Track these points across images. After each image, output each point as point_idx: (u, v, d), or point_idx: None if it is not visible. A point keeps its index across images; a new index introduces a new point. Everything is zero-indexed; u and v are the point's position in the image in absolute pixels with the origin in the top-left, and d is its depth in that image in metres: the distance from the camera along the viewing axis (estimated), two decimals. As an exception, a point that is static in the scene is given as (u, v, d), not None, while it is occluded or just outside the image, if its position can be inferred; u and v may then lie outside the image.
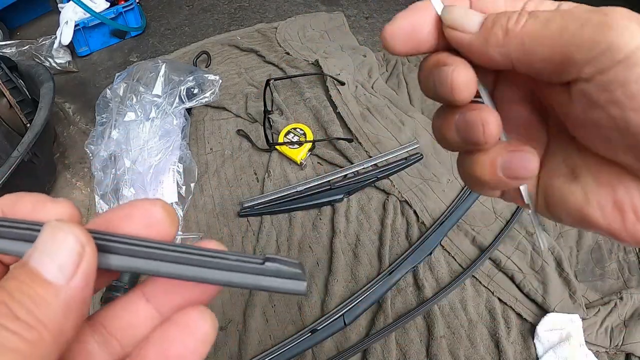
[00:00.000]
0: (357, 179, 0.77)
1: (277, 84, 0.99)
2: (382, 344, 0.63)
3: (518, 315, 0.65)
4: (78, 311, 0.14)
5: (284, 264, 0.15)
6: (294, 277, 0.15)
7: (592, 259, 0.72)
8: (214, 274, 0.15)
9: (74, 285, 0.14)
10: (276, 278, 0.15)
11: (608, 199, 0.16)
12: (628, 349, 0.62)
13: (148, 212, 0.16)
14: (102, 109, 0.89)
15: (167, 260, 0.15)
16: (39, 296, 0.13)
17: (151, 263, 0.15)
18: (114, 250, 0.15)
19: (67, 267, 0.14)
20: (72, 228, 0.14)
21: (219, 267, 0.15)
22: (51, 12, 1.34)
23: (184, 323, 0.16)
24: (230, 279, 0.15)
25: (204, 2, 1.36)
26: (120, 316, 0.17)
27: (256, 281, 0.15)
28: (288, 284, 0.15)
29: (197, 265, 0.15)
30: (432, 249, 0.70)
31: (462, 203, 0.74)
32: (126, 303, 0.17)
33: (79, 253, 0.14)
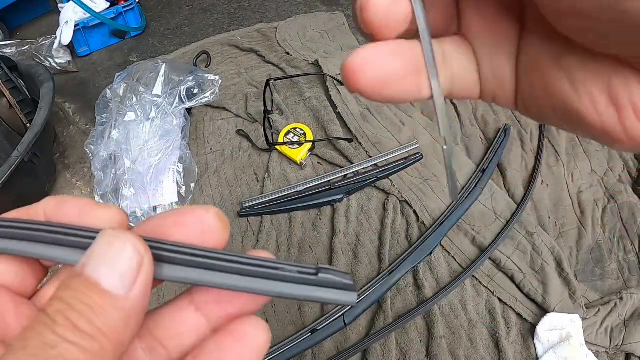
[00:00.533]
0: (357, 179, 0.77)
1: (277, 84, 0.99)
2: (382, 344, 0.63)
3: (518, 315, 0.65)
4: (137, 321, 0.14)
5: (336, 275, 0.15)
6: (346, 288, 0.15)
7: (592, 259, 0.72)
8: (268, 285, 0.15)
9: (134, 295, 0.13)
10: (329, 289, 0.15)
11: (602, 92, 0.14)
12: (628, 349, 0.62)
13: (201, 220, 0.16)
14: (102, 109, 0.89)
15: (221, 270, 0.15)
16: (99, 306, 0.13)
17: (204, 274, 0.15)
18: (167, 259, 0.15)
19: (127, 278, 0.13)
20: (130, 237, 0.14)
21: (273, 278, 0.15)
22: (51, 12, 1.34)
23: (240, 334, 0.15)
24: (285, 291, 0.15)
25: (204, 2, 1.36)
26: (168, 324, 0.16)
27: (309, 292, 0.15)
28: (340, 295, 0.15)
29: (252, 276, 0.15)
30: (432, 249, 0.70)
31: (462, 203, 0.74)
32: (174, 310, 0.17)
33: (138, 263, 0.14)
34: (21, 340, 0.12)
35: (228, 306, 0.16)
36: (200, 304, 0.16)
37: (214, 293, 0.16)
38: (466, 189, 0.77)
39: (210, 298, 0.16)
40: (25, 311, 0.15)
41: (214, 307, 0.16)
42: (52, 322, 0.12)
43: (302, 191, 0.78)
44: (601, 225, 0.76)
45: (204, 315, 0.16)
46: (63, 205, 0.16)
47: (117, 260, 0.13)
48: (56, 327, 0.12)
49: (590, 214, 0.77)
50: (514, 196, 0.78)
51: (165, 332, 0.16)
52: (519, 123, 0.91)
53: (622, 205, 0.77)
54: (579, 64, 0.14)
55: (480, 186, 0.76)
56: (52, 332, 0.12)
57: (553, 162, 0.85)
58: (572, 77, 0.14)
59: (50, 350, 0.12)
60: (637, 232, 0.74)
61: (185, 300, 0.17)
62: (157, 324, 0.16)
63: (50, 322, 0.12)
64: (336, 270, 0.15)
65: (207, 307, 0.16)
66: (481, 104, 0.95)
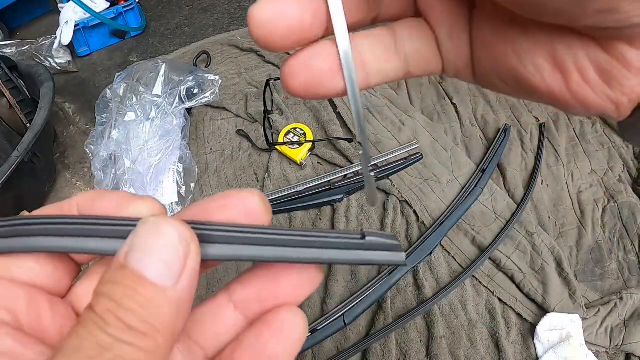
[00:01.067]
0: (357, 179, 0.77)
1: (277, 84, 0.99)
2: (382, 344, 0.63)
3: (518, 315, 0.65)
4: (186, 311, 0.13)
5: (382, 237, 0.15)
6: (393, 248, 0.15)
7: (592, 259, 0.72)
8: (319, 254, 0.15)
9: (183, 285, 0.13)
10: (377, 252, 0.15)
11: (546, 59, 0.14)
12: (628, 349, 0.62)
13: (246, 202, 0.15)
14: (102, 109, 0.89)
15: (268, 244, 0.14)
16: (148, 301, 0.12)
17: (252, 248, 0.14)
18: (213, 239, 0.14)
19: (174, 267, 0.13)
20: (174, 223, 0.13)
21: (323, 246, 0.15)
22: (51, 12, 1.34)
23: (278, 324, 0.15)
24: (337, 257, 0.15)
25: (204, 2, 1.36)
26: (206, 323, 0.16)
27: (359, 256, 0.15)
28: (389, 256, 0.15)
29: (300, 246, 0.15)
30: (432, 249, 0.70)
31: (462, 203, 0.74)
32: (211, 308, 0.16)
33: (184, 250, 0.13)
34: (74, 340, 0.12)
35: (268, 302, 0.16)
36: (239, 302, 0.16)
37: (253, 289, 0.16)
38: (466, 189, 0.77)
39: (251, 295, 0.16)
40: (62, 310, 0.15)
41: (254, 304, 0.16)
42: (104, 322, 0.12)
43: (302, 191, 0.78)
44: (601, 225, 0.76)
45: (242, 314, 0.16)
46: (98, 199, 0.15)
47: (162, 249, 0.13)
48: (108, 328, 0.12)
49: (590, 214, 0.77)
50: (514, 196, 0.78)
51: (203, 333, 0.16)
52: (519, 123, 0.91)
53: (622, 205, 0.77)
54: (522, 35, 0.14)
55: (480, 186, 0.76)
56: (105, 333, 0.12)
57: (553, 162, 0.85)
58: (516, 48, 0.14)
59: (106, 352, 0.11)
60: (637, 232, 0.74)
61: (223, 298, 0.16)
62: (195, 324, 0.16)
63: (102, 322, 0.12)
64: (381, 233, 0.15)
65: (246, 305, 0.16)
66: (481, 104, 0.95)
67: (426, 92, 0.99)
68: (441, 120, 0.93)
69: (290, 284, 0.16)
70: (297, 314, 0.15)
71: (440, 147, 0.84)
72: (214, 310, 0.16)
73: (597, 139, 0.89)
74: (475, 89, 0.99)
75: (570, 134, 0.90)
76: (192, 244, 0.13)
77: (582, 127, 0.91)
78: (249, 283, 0.16)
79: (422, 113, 0.92)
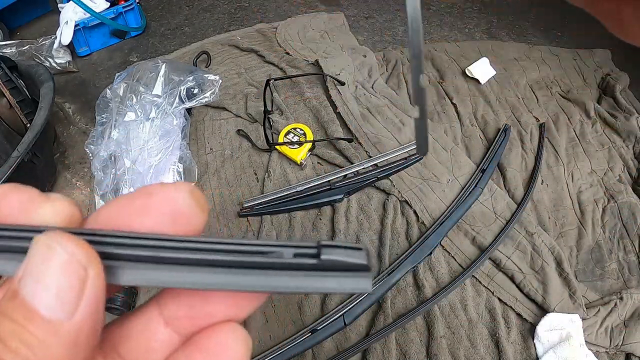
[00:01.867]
0: (357, 179, 0.77)
1: (277, 84, 0.99)
2: (382, 344, 0.63)
3: (518, 315, 0.65)
4: (88, 343, 0.11)
5: (343, 254, 0.12)
6: (357, 268, 0.12)
7: (592, 259, 0.72)
8: (256, 280, 0.12)
9: (79, 319, 0.11)
10: (335, 274, 0.12)
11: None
12: (628, 349, 0.62)
13: (172, 202, 0.13)
14: (102, 109, 0.89)
15: (195, 263, 0.12)
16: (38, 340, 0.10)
17: (176, 273, 0.12)
18: (123, 257, 0.12)
19: (68, 298, 0.11)
20: (66, 243, 0.11)
21: (263, 267, 0.12)
22: (51, 12, 1.34)
23: (213, 347, 0.13)
24: (278, 284, 0.12)
25: (204, 2, 1.36)
26: (136, 338, 0.14)
27: (310, 282, 0.12)
28: (350, 282, 0.12)
29: (233, 266, 0.12)
30: (432, 249, 0.70)
31: (462, 203, 0.74)
32: (142, 321, 0.14)
33: (80, 278, 0.11)
34: None
35: (201, 322, 0.13)
36: (169, 318, 0.14)
37: (184, 306, 0.13)
38: (466, 189, 0.77)
39: (180, 312, 0.13)
40: None
41: (185, 322, 0.13)
42: None
43: (302, 191, 0.78)
44: (601, 225, 0.76)
45: (175, 331, 0.14)
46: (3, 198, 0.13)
47: (52, 276, 0.11)
48: None
49: (590, 214, 0.77)
50: (514, 196, 0.78)
51: (133, 349, 0.14)
52: (519, 123, 0.91)
53: (622, 205, 0.77)
54: None
55: (480, 186, 0.76)
56: None
57: (553, 162, 0.85)
58: None
59: None
60: (637, 232, 0.74)
61: (154, 311, 0.14)
62: (124, 338, 0.14)
63: None
64: (343, 247, 0.12)
65: (178, 322, 0.14)
66: (481, 104, 0.95)
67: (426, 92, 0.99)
68: (441, 120, 0.93)
69: (227, 301, 0.13)
70: (237, 334, 0.13)
71: (440, 147, 0.84)
72: (145, 322, 0.14)
73: (597, 139, 0.89)
74: (475, 88, 0.99)
75: (570, 134, 0.90)
76: (91, 269, 0.11)
77: (582, 127, 0.91)
78: (179, 298, 0.14)
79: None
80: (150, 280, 0.12)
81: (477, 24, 1.23)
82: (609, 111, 0.94)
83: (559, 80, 1.03)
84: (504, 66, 1.05)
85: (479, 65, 1.01)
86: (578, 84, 1.02)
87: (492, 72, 1.02)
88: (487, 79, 1.00)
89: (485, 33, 1.20)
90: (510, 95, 0.98)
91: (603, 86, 1.01)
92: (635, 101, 0.97)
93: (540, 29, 1.21)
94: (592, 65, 1.07)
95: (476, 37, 1.18)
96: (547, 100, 0.97)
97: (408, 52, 0.15)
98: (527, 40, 1.17)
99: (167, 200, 0.13)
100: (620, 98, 0.95)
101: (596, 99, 0.99)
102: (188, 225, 0.13)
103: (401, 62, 1.06)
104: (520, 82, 1.01)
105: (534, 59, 1.08)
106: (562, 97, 0.99)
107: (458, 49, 1.10)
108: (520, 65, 1.05)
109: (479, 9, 1.28)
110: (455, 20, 1.24)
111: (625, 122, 0.90)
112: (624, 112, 0.93)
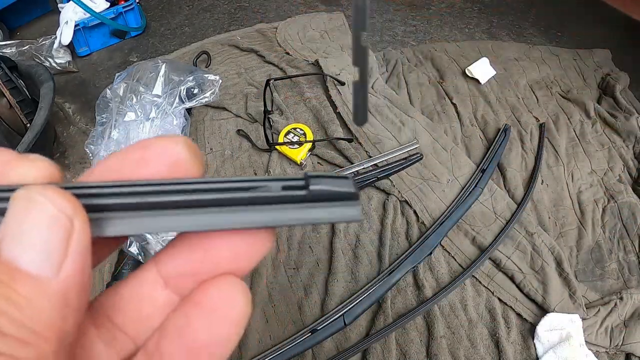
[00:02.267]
0: (357, 179, 0.77)
1: (277, 84, 0.99)
2: (382, 344, 0.63)
3: (518, 315, 0.65)
4: (78, 304, 0.11)
5: (331, 183, 0.12)
6: (346, 197, 0.12)
7: (592, 259, 0.72)
8: (245, 216, 0.12)
9: (66, 273, 0.10)
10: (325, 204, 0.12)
11: None
12: (628, 349, 0.62)
13: (168, 153, 0.12)
14: (102, 109, 0.89)
15: (186, 205, 0.11)
16: (25, 299, 0.10)
17: (163, 217, 0.11)
18: (112, 207, 0.11)
19: (53, 253, 0.10)
20: (49, 194, 0.10)
21: (252, 202, 0.12)
22: (51, 12, 1.34)
23: (210, 303, 0.12)
24: (269, 219, 0.12)
25: (204, 2, 1.36)
26: (131, 305, 0.13)
27: (300, 214, 0.12)
28: (340, 211, 0.12)
29: (222, 205, 0.11)
30: (432, 249, 0.70)
31: (462, 203, 0.74)
32: (137, 286, 0.13)
33: (66, 230, 0.10)
34: None
35: (203, 277, 0.12)
36: (169, 277, 0.13)
37: (184, 261, 0.13)
38: (466, 189, 0.77)
39: (183, 267, 0.13)
40: None
41: (187, 280, 0.13)
42: None
43: (302, 191, 0.78)
44: (601, 225, 0.76)
45: (176, 292, 0.13)
46: None
47: (35, 230, 0.10)
48: None
49: (590, 214, 0.77)
50: (514, 196, 0.78)
51: (128, 317, 0.13)
52: (519, 123, 0.91)
53: (622, 205, 0.77)
54: None
55: (480, 186, 0.76)
56: None
57: (553, 162, 0.85)
58: None
59: None
60: (637, 232, 0.74)
61: (150, 272, 0.13)
62: (118, 306, 0.13)
63: None
64: (330, 176, 0.12)
65: (178, 280, 0.13)
66: (481, 104, 0.95)
67: (426, 92, 0.99)
68: (441, 120, 0.93)
69: (233, 249, 0.12)
70: (235, 287, 0.12)
71: (440, 147, 0.84)
72: (140, 286, 0.13)
73: (597, 139, 0.89)
74: (475, 88, 0.99)
75: (570, 134, 0.90)
76: (76, 220, 0.10)
77: (582, 127, 0.91)
78: (179, 252, 0.13)
79: (422, 113, 0.92)
80: (137, 228, 0.11)
81: (477, 24, 1.23)
82: (609, 111, 0.94)
83: (559, 80, 1.03)
84: (504, 66, 1.05)
85: (479, 65, 1.01)
86: (578, 84, 1.02)
87: (492, 72, 1.02)
88: (487, 79, 1.00)
89: (485, 33, 1.20)
90: (510, 95, 0.98)
91: (603, 86, 1.01)
92: (635, 101, 0.97)
93: (540, 29, 1.21)
94: (592, 65, 1.07)
95: (476, 37, 1.18)
96: (547, 100, 0.97)
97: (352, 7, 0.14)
98: (527, 40, 1.17)
99: (164, 151, 0.12)
100: (620, 98, 0.95)
101: (596, 99, 0.99)
102: (184, 174, 0.13)
103: (401, 62, 1.06)
104: (520, 82, 1.01)
105: (534, 59, 1.08)
106: (562, 97, 0.99)
107: (458, 49, 1.10)
108: (520, 65, 1.05)
109: (479, 9, 1.28)
110: (455, 20, 1.24)
111: (625, 122, 0.90)
112: (624, 112, 0.93)
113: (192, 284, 0.12)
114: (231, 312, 0.12)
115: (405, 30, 1.20)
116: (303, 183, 0.12)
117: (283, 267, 0.72)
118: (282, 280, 0.70)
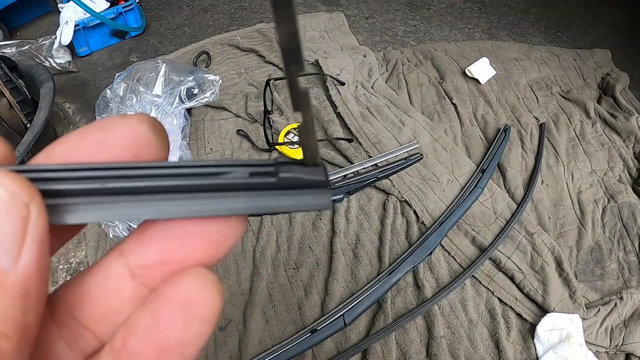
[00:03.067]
0: (357, 179, 0.77)
1: (277, 84, 0.99)
2: (382, 344, 0.63)
3: (518, 315, 0.65)
4: (38, 296, 0.10)
5: (301, 171, 0.12)
6: (317, 184, 0.12)
7: (592, 259, 0.72)
8: (210, 204, 0.11)
9: (24, 264, 0.09)
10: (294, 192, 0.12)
11: None
12: (628, 349, 0.62)
13: (131, 134, 0.11)
14: (102, 109, 0.89)
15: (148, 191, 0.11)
16: None
17: (126, 204, 0.11)
18: (73, 192, 0.10)
19: (9, 242, 0.09)
20: (3, 180, 0.09)
21: (218, 189, 0.11)
22: (51, 12, 1.34)
23: (180, 299, 0.11)
24: (235, 206, 0.11)
25: (204, 2, 1.36)
26: (96, 300, 0.12)
27: (268, 202, 0.11)
28: (309, 198, 0.12)
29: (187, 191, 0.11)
30: (432, 249, 0.70)
31: (462, 203, 0.74)
32: (102, 277, 0.12)
33: (22, 217, 0.09)
34: None
35: (174, 267, 0.12)
36: (136, 268, 0.12)
37: (153, 250, 0.12)
38: (466, 189, 0.77)
39: (149, 258, 0.12)
40: None
41: (156, 270, 0.12)
42: None
43: (302, 191, 0.78)
44: (601, 225, 0.76)
45: (144, 284, 0.12)
46: None
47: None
48: None
49: (590, 214, 0.77)
50: (514, 196, 0.78)
51: (92, 312, 0.12)
52: (519, 123, 0.91)
53: (622, 205, 0.77)
54: None
55: (480, 186, 0.76)
56: None
57: (553, 162, 0.85)
58: None
59: None
60: (637, 232, 0.74)
61: (116, 262, 0.12)
62: (80, 299, 0.12)
63: None
64: (302, 164, 0.12)
65: (147, 272, 0.12)
66: (481, 104, 0.95)
67: (426, 92, 0.99)
68: (441, 120, 0.93)
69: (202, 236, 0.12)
70: (206, 280, 0.11)
71: (440, 147, 0.84)
72: (105, 279, 0.12)
73: (597, 139, 0.89)
74: (475, 88, 0.99)
75: (570, 134, 0.90)
76: (32, 206, 0.10)
77: (582, 127, 0.91)
78: (146, 240, 0.12)
79: (422, 113, 0.92)
80: (98, 215, 0.11)
81: (477, 24, 1.23)
82: (609, 111, 0.94)
83: (559, 80, 1.03)
84: (504, 66, 1.05)
85: (479, 65, 1.01)
86: (578, 84, 1.02)
87: (492, 72, 1.02)
88: (487, 79, 1.00)
89: (485, 33, 1.20)
90: (510, 95, 0.98)
91: (603, 86, 1.01)
92: (635, 101, 0.97)
93: (540, 29, 1.21)
94: (592, 65, 1.07)
95: (476, 37, 1.18)
96: (547, 100, 0.97)
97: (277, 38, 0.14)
98: (527, 40, 1.17)
99: (128, 132, 0.11)
100: (620, 98, 0.95)
101: (596, 99, 0.99)
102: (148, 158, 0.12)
103: (401, 62, 1.06)
104: (520, 82, 1.01)
105: (534, 59, 1.08)
106: (562, 97, 0.99)
107: (458, 49, 1.10)
108: (520, 65, 1.06)
109: (479, 9, 1.28)
110: (455, 20, 1.24)
111: (625, 122, 0.90)
112: (624, 112, 0.93)
113: (160, 275, 0.12)
114: (202, 309, 0.11)
115: (405, 30, 1.20)
116: (273, 169, 0.12)
117: (283, 267, 0.72)
118: (282, 280, 0.70)
